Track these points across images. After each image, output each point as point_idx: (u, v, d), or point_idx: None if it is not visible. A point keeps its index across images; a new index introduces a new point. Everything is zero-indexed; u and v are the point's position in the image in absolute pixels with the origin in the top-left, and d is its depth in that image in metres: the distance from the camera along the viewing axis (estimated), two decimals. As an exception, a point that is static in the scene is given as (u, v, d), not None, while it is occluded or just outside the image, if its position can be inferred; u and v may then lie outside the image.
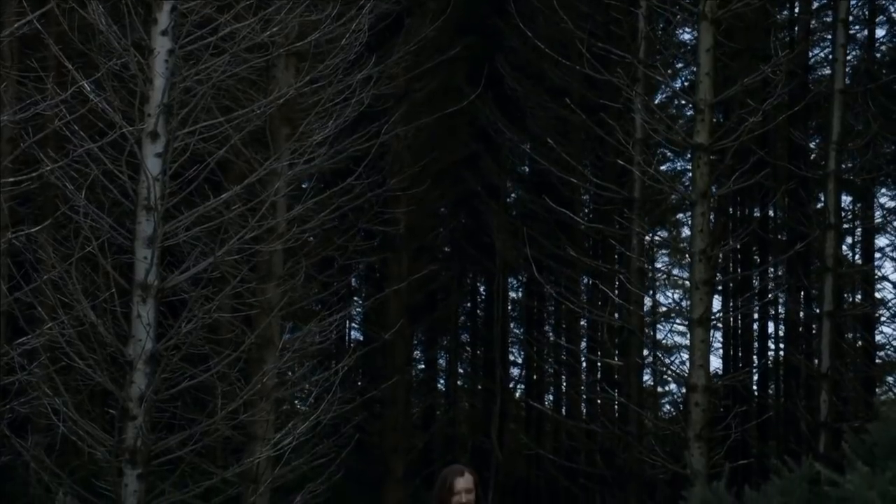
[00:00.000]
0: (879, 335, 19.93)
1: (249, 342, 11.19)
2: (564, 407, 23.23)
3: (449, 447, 23.90)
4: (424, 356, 24.91)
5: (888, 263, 21.63)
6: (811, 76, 20.41)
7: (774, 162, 15.67)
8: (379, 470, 18.66)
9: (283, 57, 12.32)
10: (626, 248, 14.85)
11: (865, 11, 19.79)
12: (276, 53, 11.63)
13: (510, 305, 24.88)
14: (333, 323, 12.35)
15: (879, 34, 20.34)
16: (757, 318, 22.54)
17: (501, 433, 21.68)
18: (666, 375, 17.30)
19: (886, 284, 19.69)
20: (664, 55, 16.09)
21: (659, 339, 21.23)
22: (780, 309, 22.60)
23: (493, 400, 21.63)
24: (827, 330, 13.88)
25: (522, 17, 15.16)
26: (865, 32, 19.95)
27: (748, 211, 22.08)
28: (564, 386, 23.43)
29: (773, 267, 15.70)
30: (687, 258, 14.66)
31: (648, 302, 21.66)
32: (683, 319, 12.96)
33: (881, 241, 21.56)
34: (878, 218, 18.95)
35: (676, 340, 23.74)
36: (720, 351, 23.72)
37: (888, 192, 21.67)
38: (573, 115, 15.39)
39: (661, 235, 20.50)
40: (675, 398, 26.98)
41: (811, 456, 6.05)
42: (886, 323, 20.04)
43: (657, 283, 23.48)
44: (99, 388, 10.53)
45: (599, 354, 16.62)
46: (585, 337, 20.20)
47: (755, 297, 18.39)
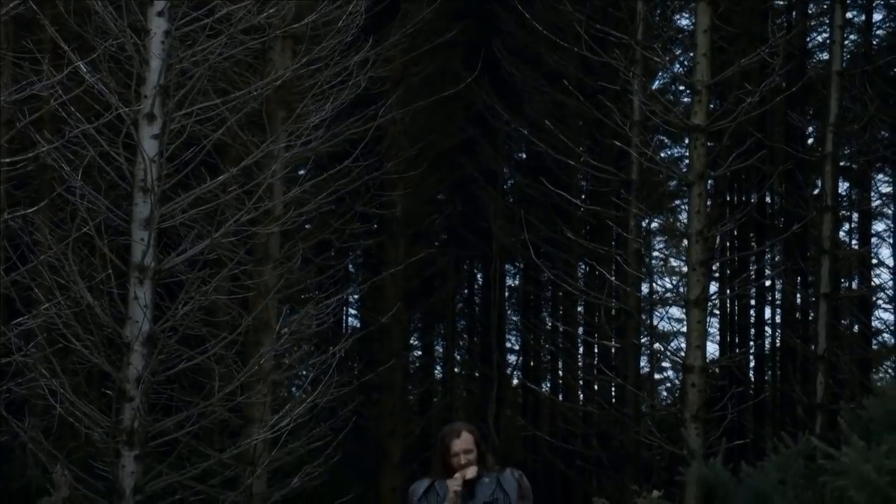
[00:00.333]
0: (876, 321, 19.98)
1: (246, 325, 11.19)
2: (561, 394, 23.26)
3: (446, 433, 23.85)
4: (421, 342, 24.91)
5: (885, 250, 21.65)
6: (809, 61, 20.39)
7: (772, 144, 15.67)
8: (376, 455, 18.68)
9: (279, 39, 12.29)
10: (623, 230, 14.84)
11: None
12: (272, 35, 11.60)
13: (507, 292, 24.89)
14: (330, 306, 12.35)
15: (877, 18, 20.35)
16: (754, 303, 22.57)
17: (498, 419, 21.69)
18: (661, 356, 17.30)
19: (883, 271, 19.71)
20: (662, 37, 16.05)
21: (656, 325, 21.28)
22: (776, 295, 22.62)
23: (489, 386, 21.65)
24: (823, 312, 13.90)
25: (520, 0, 15.12)
26: (863, 17, 19.94)
27: (745, 197, 22.08)
28: (561, 371, 23.46)
29: (769, 249, 15.71)
30: (684, 243, 14.62)
31: (646, 289, 21.72)
32: (680, 301, 12.97)
33: (878, 226, 21.58)
34: (874, 200, 18.96)
35: (673, 326, 23.74)
36: (717, 337, 23.75)
37: (885, 178, 21.69)
38: (570, 99, 15.35)
39: (659, 219, 20.47)
40: (672, 386, 27.03)
41: (807, 432, 6.06)
42: (883, 308, 20.10)
43: (654, 270, 23.48)
44: (96, 369, 10.53)
45: (596, 337, 16.62)
46: (582, 322, 20.20)
47: (751, 278, 18.40)
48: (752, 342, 20.95)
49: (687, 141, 13.32)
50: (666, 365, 24.44)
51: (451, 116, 18.70)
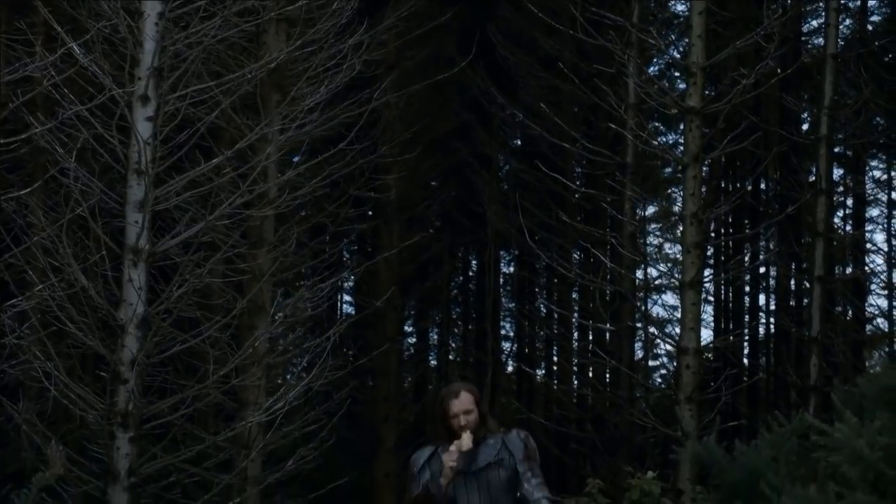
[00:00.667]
0: (870, 307, 20.02)
1: (240, 308, 11.18)
2: (556, 380, 23.30)
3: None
4: (416, 328, 24.92)
5: (879, 235, 21.70)
6: (804, 47, 20.38)
7: (766, 127, 15.69)
8: (371, 441, 18.70)
9: (273, 22, 12.26)
10: (618, 213, 14.84)
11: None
12: (266, 18, 11.57)
13: (502, 279, 24.90)
14: (325, 289, 12.34)
15: (871, 3, 20.34)
16: (748, 290, 22.62)
17: (493, 405, 21.72)
18: (656, 336, 17.30)
19: (878, 257, 19.75)
20: (658, 20, 16.03)
21: (650, 310, 21.30)
22: (770, 282, 22.67)
23: (484, 372, 21.67)
24: (818, 295, 13.92)
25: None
26: (858, 2, 19.93)
27: (740, 184, 22.12)
28: (556, 357, 23.49)
29: (763, 232, 15.73)
30: (679, 228, 14.64)
31: (640, 276, 21.73)
32: (674, 284, 12.99)
33: (873, 211, 21.62)
34: (868, 185, 18.98)
35: (668, 312, 23.78)
36: (711, 324, 23.80)
37: (880, 165, 21.72)
38: (566, 84, 15.33)
39: (654, 204, 20.50)
40: (667, 373, 27.07)
41: (801, 411, 6.07)
42: (877, 294, 20.14)
43: (649, 257, 23.51)
44: (90, 352, 10.52)
45: (591, 322, 16.65)
46: (577, 308, 20.23)
47: (745, 261, 18.42)
48: (746, 326, 20.98)
49: (682, 127, 13.32)
50: (660, 352, 24.49)
51: (445, 102, 18.67)
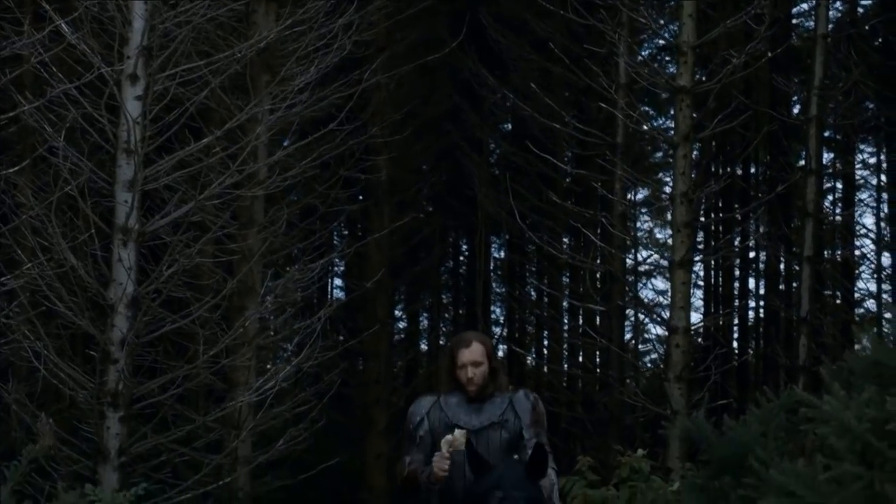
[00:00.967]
0: (859, 292, 20.08)
1: (230, 288, 11.18)
2: (546, 363, 23.34)
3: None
4: (406, 312, 24.92)
5: (868, 218, 21.77)
6: (795, 31, 20.40)
7: (756, 108, 15.70)
8: (361, 424, 18.72)
9: (262, 1, 12.23)
10: (608, 192, 14.85)
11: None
12: (255, -4, 11.55)
13: (492, 264, 24.92)
14: (315, 270, 12.34)
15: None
16: (738, 273, 22.68)
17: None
18: (645, 315, 17.35)
19: (867, 242, 19.80)
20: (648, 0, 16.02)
21: (639, 292, 21.34)
22: (760, 266, 22.72)
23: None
24: (807, 275, 13.97)
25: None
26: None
27: (731, 168, 22.15)
28: (546, 341, 23.53)
29: (753, 212, 15.74)
30: (668, 214, 14.69)
31: (630, 261, 21.77)
32: (664, 263, 13.02)
33: (862, 195, 21.65)
34: (858, 168, 19.01)
35: (658, 297, 23.82)
36: (701, 308, 23.85)
37: (869, 148, 21.75)
38: (556, 66, 15.32)
39: (644, 185, 20.48)
40: (658, 356, 27.14)
41: (790, 386, 6.09)
42: (866, 278, 20.19)
43: (640, 241, 23.57)
44: (80, 331, 10.51)
45: (582, 303, 16.67)
46: (567, 290, 20.27)
47: (735, 242, 18.44)
48: (735, 305, 21.03)
49: (672, 112, 13.36)
50: (650, 336, 24.55)
51: (437, 85, 18.65)
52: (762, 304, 22.35)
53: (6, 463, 6.65)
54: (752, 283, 23.21)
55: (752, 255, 22.63)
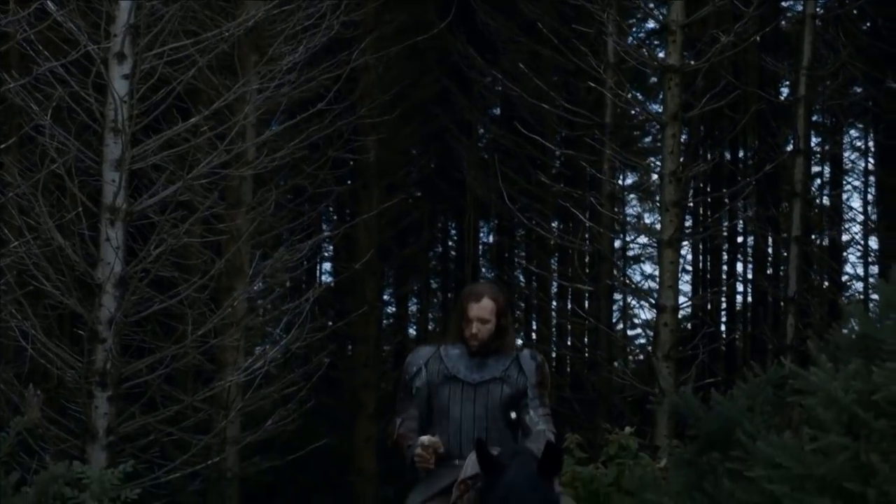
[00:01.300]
0: (846, 276, 20.16)
1: (218, 268, 11.16)
2: (535, 346, 23.37)
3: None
4: (395, 296, 24.91)
5: (856, 202, 21.82)
6: (784, 14, 20.39)
7: (745, 88, 15.71)
8: (350, 407, 18.73)
9: (250, -20, 12.18)
10: (597, 172, 14.84)
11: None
12: (243, -24, 11.50)
13: (481, 249, 24.92)
14: (304, 250, 12.33)
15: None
16: (726, 257, 22.72)
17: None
18: (633, 295, 17.38)
19: (854, 225, 19.87)
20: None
21: (628, 276, 21.38)
22: (748, 251, 22.77)
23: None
24: (795, 255, 14.01)
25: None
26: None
27: (720, 151, 22.18)
28: (535, 325, 23.56)
29: (741, 194, 15.75)
30: (658, 196, 14.70)
31: (619, 244, 21.80)
32: (653, 246, 13.06)
33: (851, 179, 21.70)
34: (845, 148, 19.05)
35: (647, 282, 23.87)
36: (689, 292, 23.89)
37: (857, 133, 21.79)
38: (545, 48, 15.29)
39: (635, 172, 20.54)
40: (646, 340, 27.19)
41: (777, 360, 6.12)
42: (853, 263, 20.28)
43: (627, 225, 23.58)
44: (67, 311, 10.48)
45: (570, 283, 16.69)
46: (556, 273, 20.29)
47: (723, 222, 18.48)
48: (723, 300, 21.08)
49: (661, 95, 13.37)
50: (638, 321, 24.59)
51: (425, 68, 18.60)
52: (750, 287, 22.41)
53: (-6, 437, 6.64)
54: (739, 266, 23.28)
55: (739, 238, 22.68)
